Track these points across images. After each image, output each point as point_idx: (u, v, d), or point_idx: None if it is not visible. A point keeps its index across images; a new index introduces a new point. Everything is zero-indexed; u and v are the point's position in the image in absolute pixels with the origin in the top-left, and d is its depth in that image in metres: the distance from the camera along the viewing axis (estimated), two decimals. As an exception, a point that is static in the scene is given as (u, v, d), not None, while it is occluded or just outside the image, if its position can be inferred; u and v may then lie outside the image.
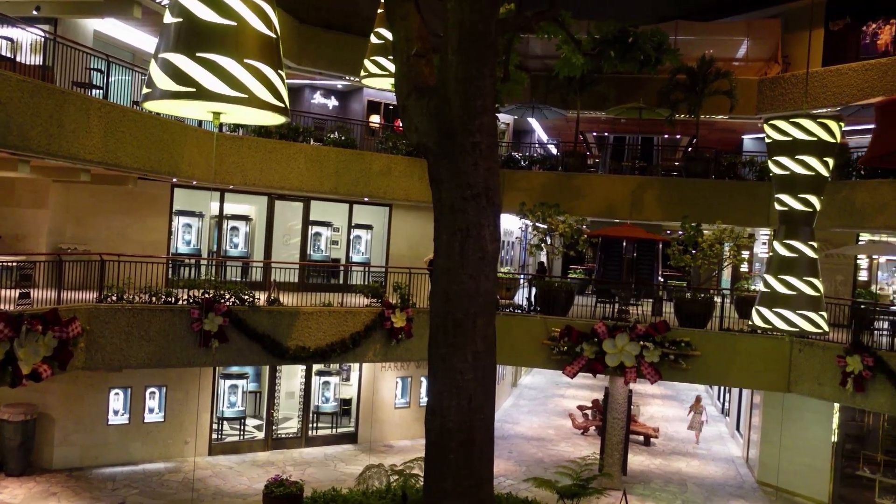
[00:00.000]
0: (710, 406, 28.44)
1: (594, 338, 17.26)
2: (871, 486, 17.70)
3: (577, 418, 23.07)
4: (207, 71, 5.43)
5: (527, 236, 26.67)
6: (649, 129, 26.23)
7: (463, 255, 9.12)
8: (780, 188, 15.63)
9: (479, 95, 9.01)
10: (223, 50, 5.45)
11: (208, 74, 5.43)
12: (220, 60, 5.46)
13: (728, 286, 25.12)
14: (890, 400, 15.13)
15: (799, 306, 15.05)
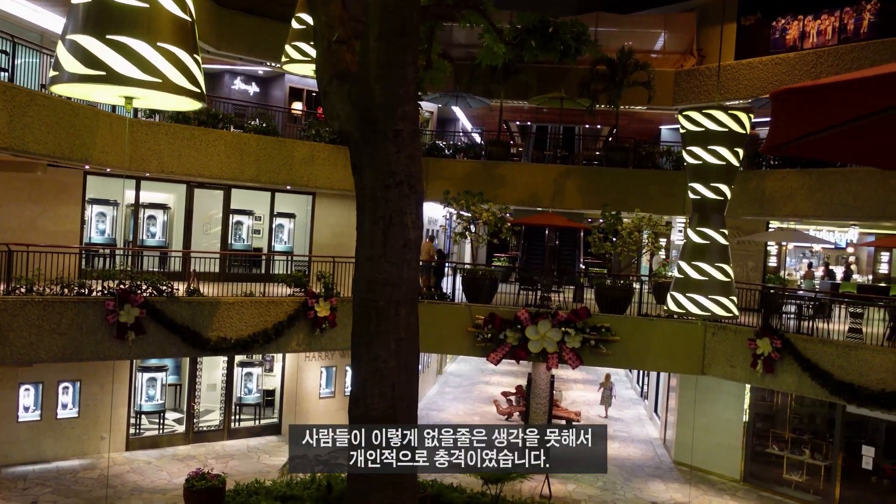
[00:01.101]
0: (630, 390, 29.24)
1: (517, 325, 17.50)
2: (779, 463, 18.54)
3: (501, 404, 23.36)
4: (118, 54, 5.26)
5: (451, 224, 26.82)
6: (571, 118, 26.64)
7: (385, 244, 9.11)
8: (693, 177, 16.18)
9: (401, 83, 8.99)
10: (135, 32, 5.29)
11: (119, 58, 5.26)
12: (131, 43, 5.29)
13: (647, 273, 25.83)
14: (797, 380, 15.85)
15: (711, 291, 15.64)
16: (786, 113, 2.24)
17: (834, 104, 2.20)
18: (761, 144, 19.76)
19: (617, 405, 26.28)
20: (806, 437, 18.45)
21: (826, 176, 17.99)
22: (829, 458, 17.67)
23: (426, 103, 24.86)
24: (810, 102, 2.10)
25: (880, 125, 2.50)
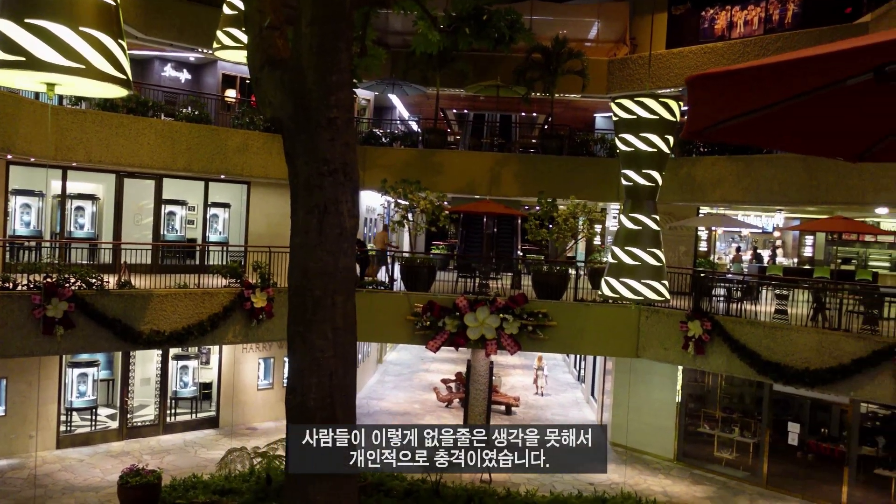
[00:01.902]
0: (567, 374, 29.71)
1: (456, 312, 17.60)
2: (710, 442, 19.12)
3: (441, 391, 23.49)
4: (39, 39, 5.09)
5: (389, 213, 26.75)
6: (507, 106, 26.80)
7: (321, 232, 9.04)
8: (626, 164, 16.47)
9: (334, 70, 8.91)
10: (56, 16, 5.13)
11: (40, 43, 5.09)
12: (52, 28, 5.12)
13: (582, 259, 26.22)
14: (727, 360, 16.35)
15: (644, 276, 15.97)
16: (702, 99, 2.30)
17: (747, 90, 2.27)
18: (690, 132, 20.26)
19: (555, 389, 26.70)
20: (735, 415, 19.06)
21: (753, 163, 18.53)
22: (758, 436, 18.30)
23: (362, 91, 24.70)
24: (724, 88, 2.17)
25: (795, 111, 2.59)
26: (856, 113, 2.79)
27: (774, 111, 2.57)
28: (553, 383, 27.85)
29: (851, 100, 2.63)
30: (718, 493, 17.32)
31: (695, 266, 20.69)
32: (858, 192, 16.65)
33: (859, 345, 14.53)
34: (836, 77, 2.35)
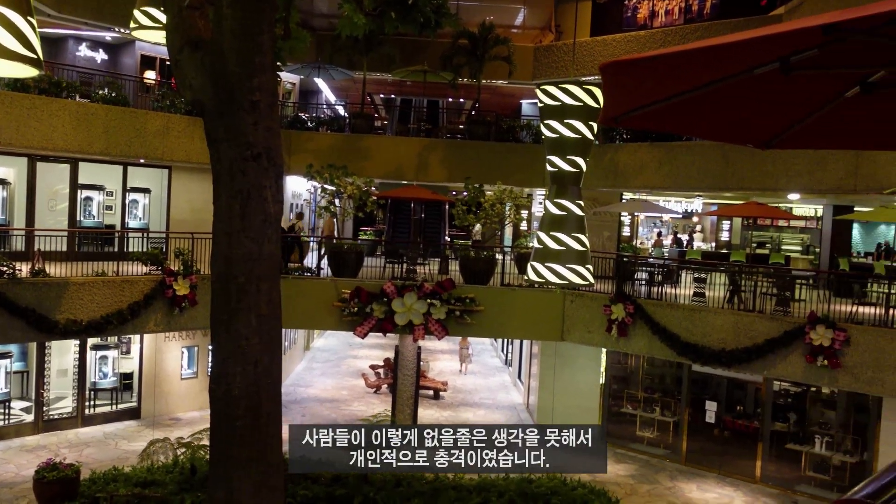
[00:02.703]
0: (495, 358, 30.05)
1: (384, 297, 17.57)
2: (633, 421, 19.66)
3: (369, 377, 23.45)
4: (-63, 14, 4.83)
5: (316, 198, 26.46)
6: (435, 92, 26.77)
7: (244, 218, 8.87)
8: (551, 150, 16.65)
9: (257, 51, 8.72)
10: (-44, -9, 4.87)
11: (-61, 18, 4.83)
12: (-48, 2, 4.86)
13: (509, 244, 26.49)
14: (648, 342, 16.81)
15: (568, 261, 16.24)
16: (616, 85, 2.34)
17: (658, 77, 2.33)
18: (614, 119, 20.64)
19: (483, 373, 26.98)
20: (656, 395, 19.65)
21: (673, 150, 19.02)
22: (677, 414, 18.91)
23: (287, 74, 24.29)
24: (636, 75, 2.22)
25: (706, 98, 2.67)
26: (764, 101, 2.89)
27: (686, 98, 2.64)
28: (481, 367, 28.15)
29: (759, 88, 2.71)
30: (640, 471, 17.84)
31: (618, 251, 21.15)
32: (772, 179, 17.28)
33: (772, 325, 15.13)
34: (744, 66, 2.42)
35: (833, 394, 17.43)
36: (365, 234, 27.55)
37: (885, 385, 13.81)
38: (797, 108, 3.00)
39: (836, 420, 17.39)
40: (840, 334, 14.04)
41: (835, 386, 15.59)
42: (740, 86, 2.57)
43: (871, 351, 13.88)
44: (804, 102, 2.96)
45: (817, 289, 16.91)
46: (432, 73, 21.97)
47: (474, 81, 22.16)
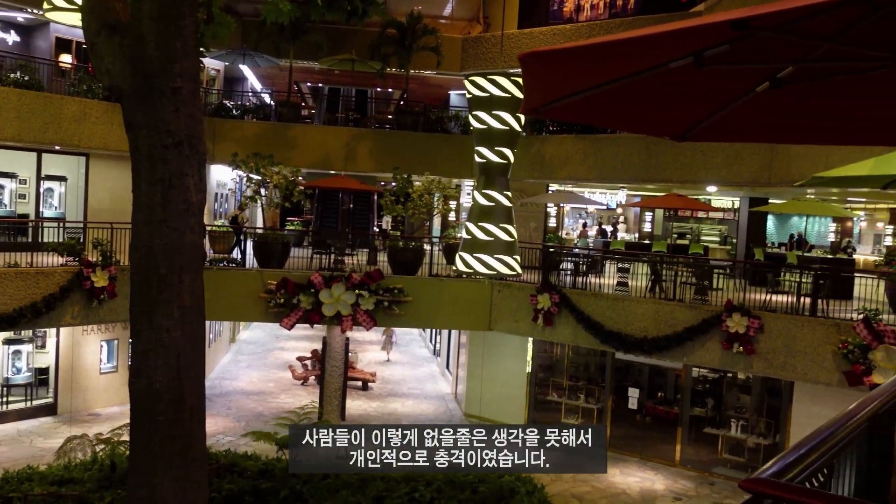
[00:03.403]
0: (423, 349, 30.13)
1: (311, 288, 17.40)
2: (558, 409, 20.00)
3: (296, 369, 23.22)
4: None
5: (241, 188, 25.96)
6: (363, 81, 26.57)
7: (166, 207, 8.64)
8: (479, 141, 16.75)
9: (178, 36, 8.48)
10: None
11: None
12: None
13: (438, 235, 26.58)
14: (573, 331, 17.13)
15: (496, 251, 16.40)
16: (535, 76, 2.37)
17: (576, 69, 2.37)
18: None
19: (411, 364, 27.04)
20: (581, 383, 20.05)
21: (598, 142, 19.38)
22: (601, 401, 19.33)
23: (211, 60, 23.74)
24: (555, 66, 2.25)
25: (623, 91, 2.72)
26: (680, 94, 2.97)
27: (605, 90, 2.69)
28: (410, 358, 28.21)
29: (676, 82, 2.79)
30: (565, 457, 18.17)
31: (544, 241, 21.44)
32: (692, 171, 17.80)
33: (691, 314, 15.61)
34: (661, 60, 2.48)
35: (748, 379, 18.11)
36: (292, 224, 27.23)
37: (796, 370, 14.41)
38: (712, 102, 3.09)
39: (750, 404, 18.08)
40: (755, 322, 14.59)
41: (750, 371, 16.21)
42: (657, 79, 2.64)
43: (783, 337, 14.47)
44: (718, 96, 3.05)
45: (734, 278, 17.54)
46: (360, 63, 21.78)
47: (403, 72, 22.09)
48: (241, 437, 17.11)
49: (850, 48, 2.43)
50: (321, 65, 22.93)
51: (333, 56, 22.17)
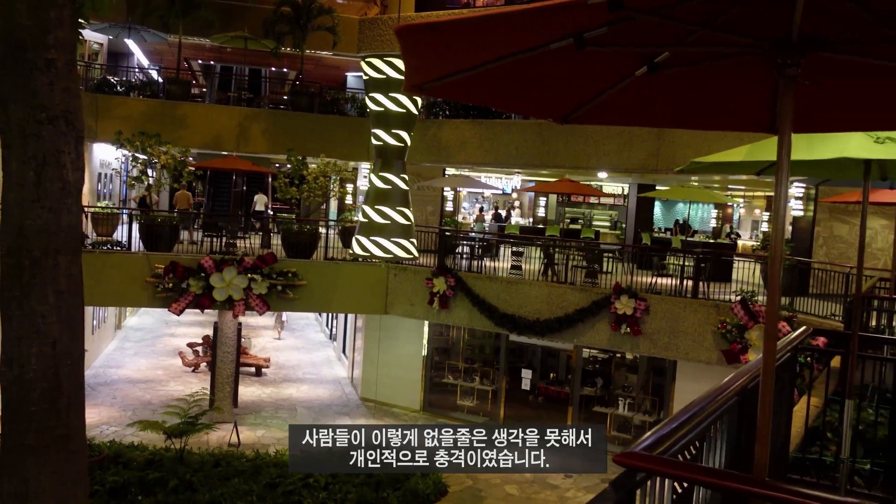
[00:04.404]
0: (319, 333, 29.82)
1: (201, 272, 16.89)
2: (454, 391, 20.21)
3: (187, 356, 22.52)
4: None
5: (127, 168, 24.88)
6: (257, 60, 25.87)
7: (39, 186, 8.15)
8: (375, 123, 16.64)
9: (52, 5, 7.99)
10: None
11: None
12: None
13: (335, 218, 26.29)
14: (468, 314, 17.31)
15: (393, 234, 16.38)
16: (414, 52, 2.33)
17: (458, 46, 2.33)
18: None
19: (307, 348, 26.74)
20: (476, 365, 20.31)
21: (493, 127, 19.58)
22: (496, 383, 19.65)
23: (93, 33, 22.58)
24: (435, 42, 2.21)
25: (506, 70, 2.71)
26: (563, 76, 2.99)
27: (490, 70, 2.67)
28: (305, 342, 27.88)
29: (558, 63, 2.80)
30: (460, 438, 18.40)
31: (441, 225, 21.54)
32: (584, 157, 18.24)
33: (582, 296, 16.05)
34: (542, 40, 2.48)
35: (635, 359, 18.79)
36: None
37: (679, 349, 15.07)
38: (594, 85, 3.13)
39: (637, 383, 18.78)
40: (641, 304, 15.14)
41: (636, 351, 16.82)
42: (540, 60, 2.64)
43: (668, 318, 15.09)
44: (600, 79, 3.09)
45: (623, 262, 18.12)
46: (253, 41, 21.19)
47: (298, 51, 21.61)
48: (127, 428, 16.48)
49: (720, 34, 2.51)
50: (212, 42, 22.19)
51: (225, 33, 21.47)
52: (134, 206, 20.13)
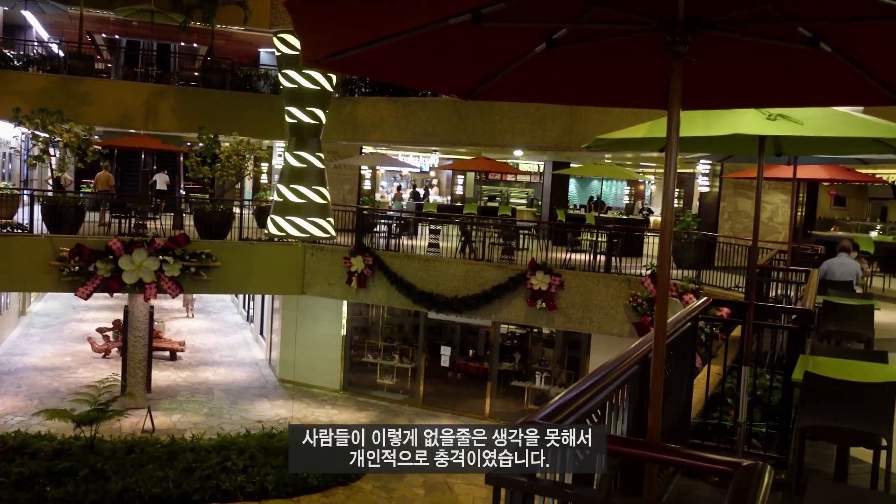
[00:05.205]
0: (236, 315, 29.30)
1: (109, 255, 16.31)
2: (374, 370, 20.23)
3: (96, 342, 21.79)
4: None
5: (27, 147, 23.75)
6: (165, 35, 24.97)
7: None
8: (289, 101, 16.39)
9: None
10: None
11: None
12: None
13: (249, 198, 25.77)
14: (387, 293, 17.31)
15: (309, 214, 16.20)
16: (309, 26, 2.29)
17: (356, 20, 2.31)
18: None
19: (223, 331, 26.29)
20: (396, 343, 20.38)
21: (409, 105, 19.50)
22: (415, 361, 19.75)
23: (-13, 4, 21.37)
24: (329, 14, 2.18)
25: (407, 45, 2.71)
26: (464, 51, 3.01)
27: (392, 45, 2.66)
28: (221, 325, 27.39)
29: (459, 38, 2.81)
30: (380, 416, 18.46)
31: (359, 204, 21.40)
32: (499, 135, 18.38)
33: (499, 273, 16.25)
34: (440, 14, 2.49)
35: (552, 333, 19.19)
36: (88, 186, 25.33)
37: (593, 323, 15.45)
38: (496, 61, 3.15)
39: (553, 357, 19.20)
40: (556, 279, 15.43)
41: (552, 326, 17.19)
42: (441, 35, 2.64)
43: (582, 293, 15.44)
44: (502, 56, 3.12)
45: (538, 238, 18.42)
46: (161, 14, 20.42)
47: (208, 26, 20.97)
48: (33, 417, 15.86)
49: (614, 12, 2.56)
50: (117, 15, 21.28)
51: (131, 6, 20.63)
52: (47, 188, 19.25)
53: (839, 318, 7.95)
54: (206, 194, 23.05)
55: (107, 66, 25.90)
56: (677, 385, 5.10)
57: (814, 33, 2.57)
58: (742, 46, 2.93)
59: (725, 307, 8.85)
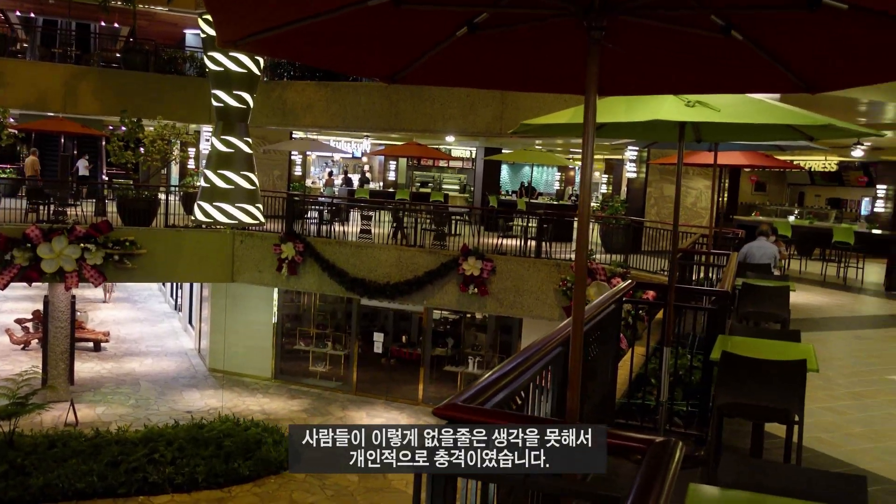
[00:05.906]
0: (164, 304, 28.62)
1: (27, 243, 15.71)
2: (306, 357, 20.05)
3: (15, 333, 20.99)
4: None
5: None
6: (84, 14, 24.08)
7: None
8: (216, 84, 16.00)
9: None
10: None
11: None
12: None
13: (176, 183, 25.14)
14: (318, 280, 17.16)
15: (237, 200, 15.89)
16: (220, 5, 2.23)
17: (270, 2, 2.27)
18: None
19: (151, 320, 25.63)
20: (329, 331, 20.23)
21: (340, 89, 19.30)
22: (348, 347, 19.67)
23: None
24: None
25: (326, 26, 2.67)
26: (386, 34, 2.98)
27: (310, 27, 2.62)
28: (148, 314, 26.71)
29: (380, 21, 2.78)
30: (313, 404, 18.33)
31: (289, 190, 21.11)
32: (431, 120, 18.35)
33: (431, 259, 16.28)
34: (358, -5, 2.46)
35: (484, 318, 19.33)
36: (4, 172, 24.32)
37: (524, 307, 15.63)
38: (419, 44, 3.13)
39: (486, 342, 19.36)
40: (488, 264, 15.55)
41: (484, 311, 17.32)
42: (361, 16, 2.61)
43: (513, 278, 15.59)
44: (425, 39, 3.10)
45: (470, 224, 18.51)
46: (78, -8, 19.72)
47: (129, 6, 20.32)
48: (-55, 413, 15.19)
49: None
50: (32, -8, 20.45)
51: (46, -17, 19.85)
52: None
53: (757, 300, 8.23)
54: (129, 180, 22.39)
55: (22, 45, 24.81)
56: (602, 366, 5.21)
57: (726, 21, 2.63)
58: (660, 33, 2.97)
59: (650, 290, 9.07)
